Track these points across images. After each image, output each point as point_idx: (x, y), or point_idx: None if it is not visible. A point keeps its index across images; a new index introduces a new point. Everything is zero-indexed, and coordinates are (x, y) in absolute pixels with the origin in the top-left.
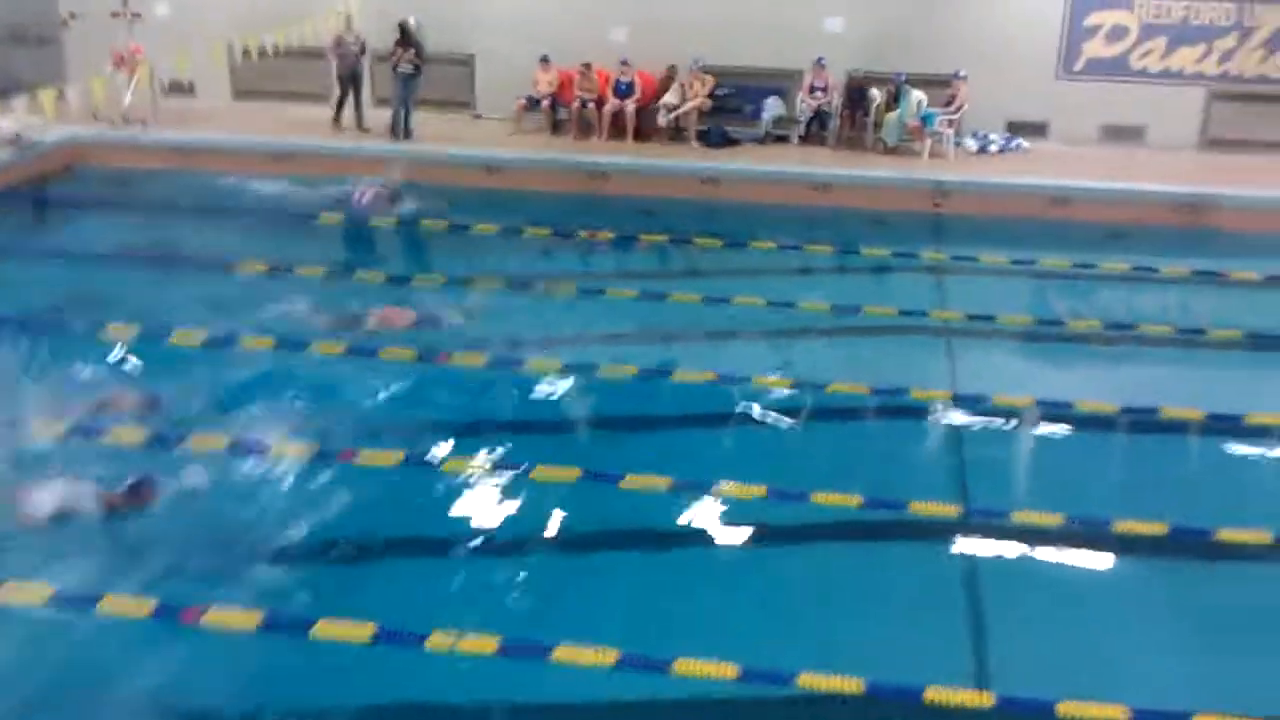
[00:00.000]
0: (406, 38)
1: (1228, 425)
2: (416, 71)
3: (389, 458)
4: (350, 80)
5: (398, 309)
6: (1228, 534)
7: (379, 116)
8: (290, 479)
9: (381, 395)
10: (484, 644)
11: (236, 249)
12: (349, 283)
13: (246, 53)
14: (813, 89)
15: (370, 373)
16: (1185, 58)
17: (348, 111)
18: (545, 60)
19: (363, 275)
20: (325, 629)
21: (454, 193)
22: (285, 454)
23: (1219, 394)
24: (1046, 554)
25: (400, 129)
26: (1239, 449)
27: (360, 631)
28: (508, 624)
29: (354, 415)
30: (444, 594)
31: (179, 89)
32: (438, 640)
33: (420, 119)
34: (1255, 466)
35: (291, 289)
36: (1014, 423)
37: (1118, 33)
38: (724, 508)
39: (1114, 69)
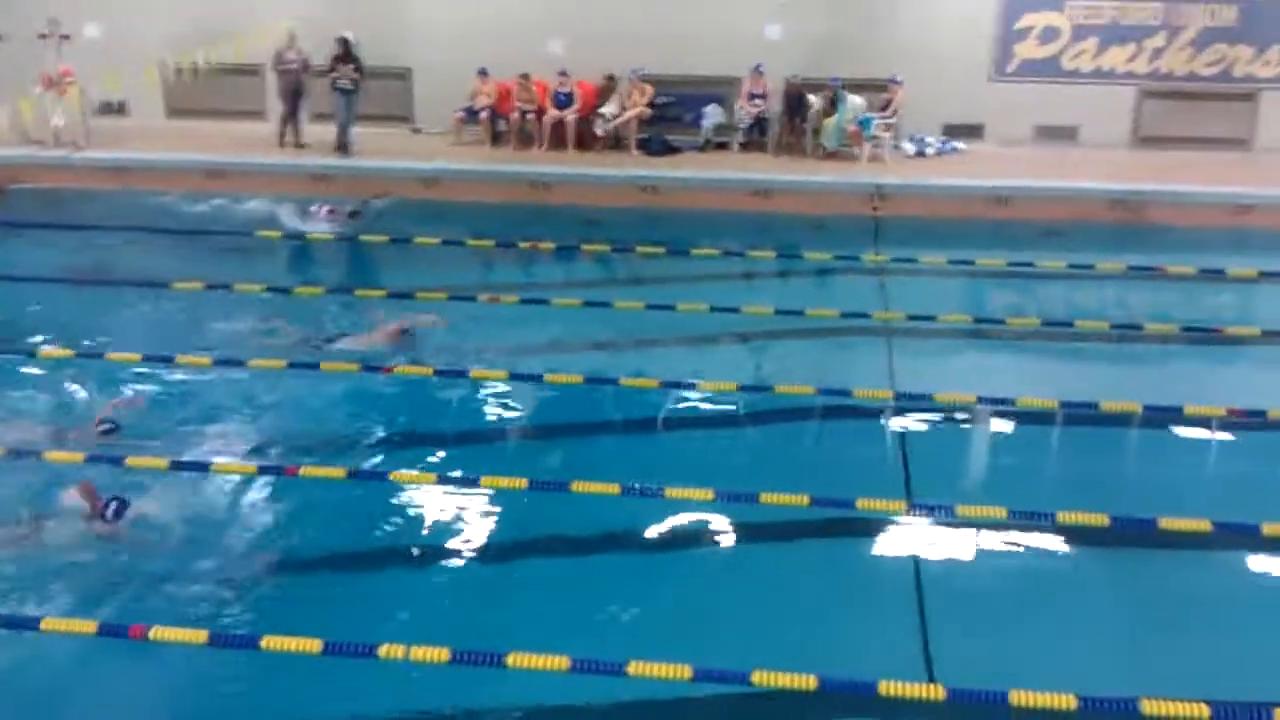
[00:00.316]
0: (347, 52)
1: (1166, 417)
2: (356, 87)
3: (336, 471)
4: (293, 97)
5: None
6: (1168, 523)
7: (317, 132)
8: (235, 495)
9: (326, 409)
10: (435, 654)
11: (172, 268)
12: (291, 299)
13: (179, 71)
14: (752, 96)
15: (314, 387)
16: (1116, 57)
17: (289, 128)
18: (483, 72)
19: (305, 290)
20: (273, 643)
21: (395, 206)
22: (229, 471)
23: (1157, 387)
24: (992, 546)
25: (345, 144)
26: (1177, 440)
27: (309, 645)
28: (459, 633)
29: (301, 430)
30: (394, 605)
31: (110, 109)
32: (389, 650)
33: (358, 133)
34: (1194, 456)
35: (230, 306)
36: (957, 419)
37: (1049, 34)
38: (674, 511)
39: (1046, 70)
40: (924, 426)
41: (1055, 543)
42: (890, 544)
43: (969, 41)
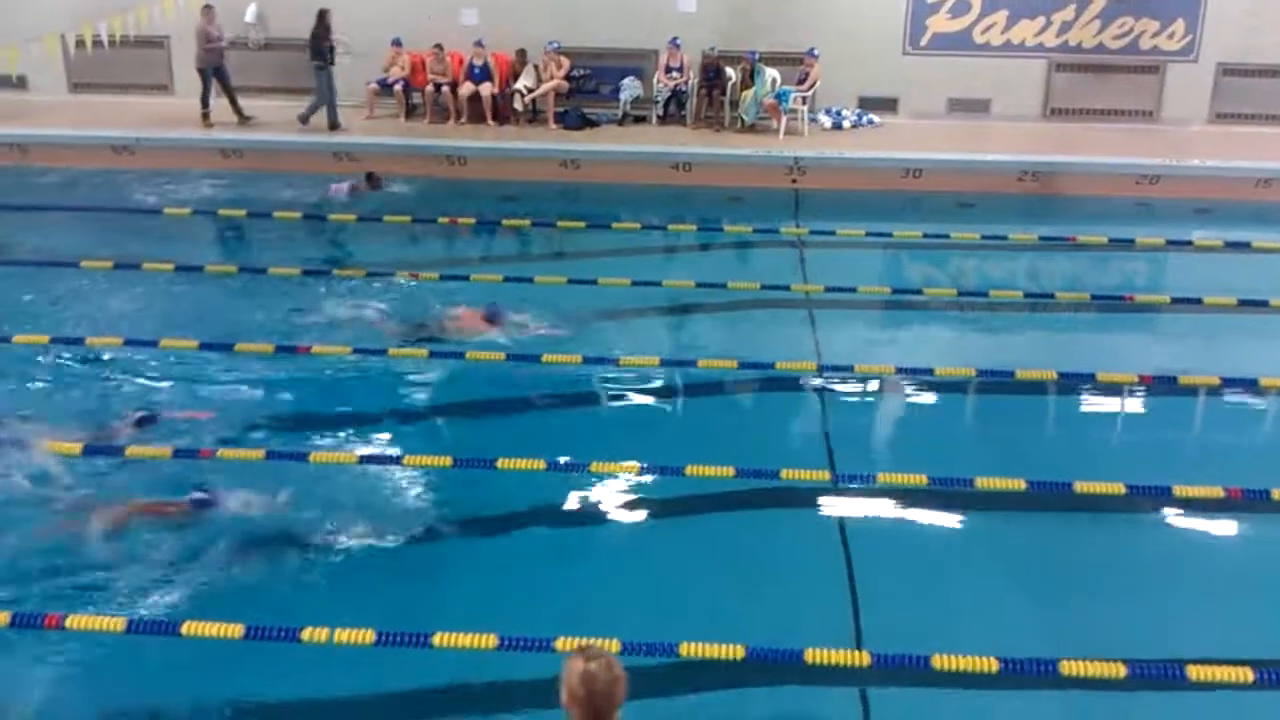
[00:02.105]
0: (328, 26)
1: (1079, 383)
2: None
3: (255, 454)
4: (215, 73)
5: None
6: (1083, 486)
7: (223, 107)
8: (155, 473)
9: (244, 390)
10: (361, 635)
11: (77, 246)
12: (202, 277)
13: (80, 43)
14: (669, 69)
15: (229, 368)
16: (1026, 31)
17: (220, 103)
18: (397, 43)
19: (216, 268)
20: (194, 628)
21: (308, 181)
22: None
23: (1070, 354)
24: (913, 514)
25: (334, 118)
26: (1090, 406)
27: (231, 630)
28: (385, 614)
29: (215, 413)
30: (318, 587)
31: (9, 84)
32: (312, 634)
33: (269, 106)
34: (1107, 421)
35: (138, 284)
36: (878, 389)
37: (961, 8)
38: (599, 486)
39: (958, 44)
40: (846, 397)
41: (975, 508)
42: (815, 514)
43: (883, 15)
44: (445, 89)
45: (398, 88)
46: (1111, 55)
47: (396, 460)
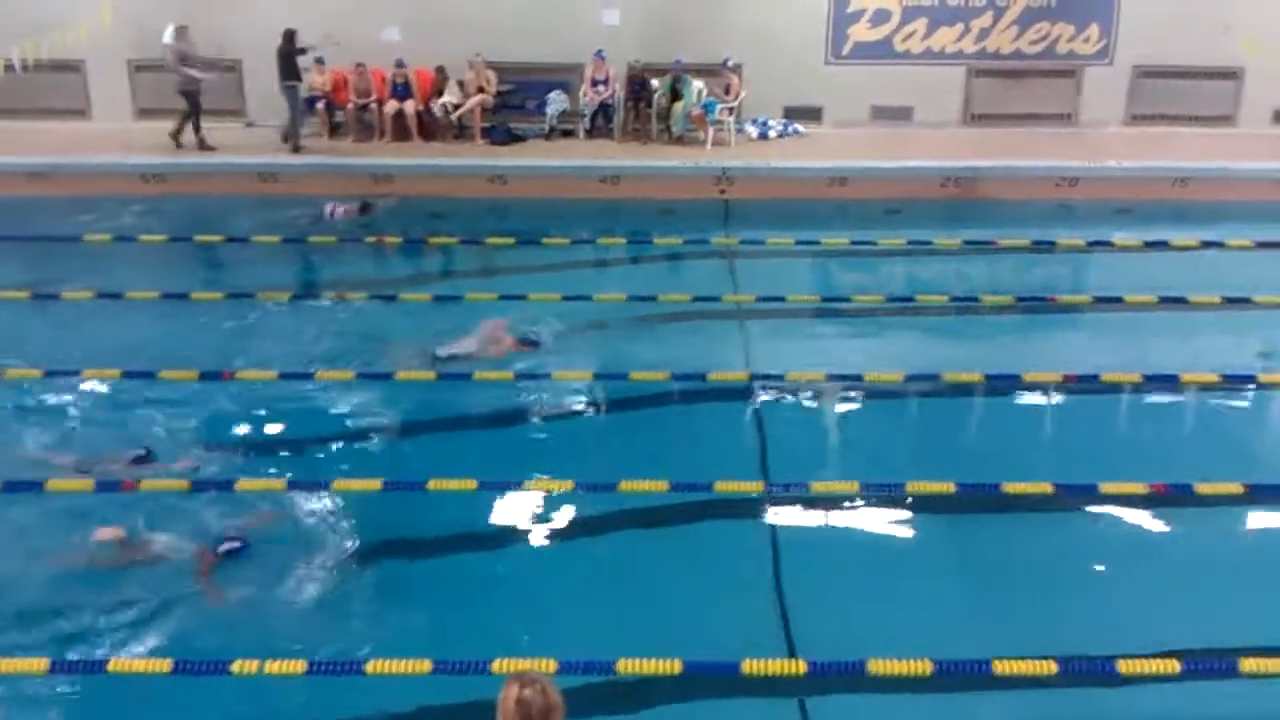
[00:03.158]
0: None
1: (1005, 385)
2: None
3: (180, 484)
4: (191, 98)
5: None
6: (1012, 487)
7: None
8: (67, 511)
9: (165, 419)
10: (291, 666)
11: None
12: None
13: None
14: (594, 82)
15: (148, 394)
16: (945, 38)
17: (188, 128)
18: (320, 61)
19: (136, 294)
20: (119, 665)
21: (229, 203)
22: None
23: (996, 356)
24: (847, 520)
25: (294, 138)
26: (1017, 406)
27: (158, 665)
28: (315, 642)
29: (138, 440)
30: (247, 616)
31: None
32: (241, 666)
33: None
34: (1033, 422)
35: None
36: (809, 397)
37: (880, 16)
38: (533, 504)
39: (879, 52)
40: (778, 406)
41: (906, 513)
42: (750, 525)
43: (805, 25)
44: (372, 106)
45: (320, 106)
46: (1029, 60)
47: (324, 486)
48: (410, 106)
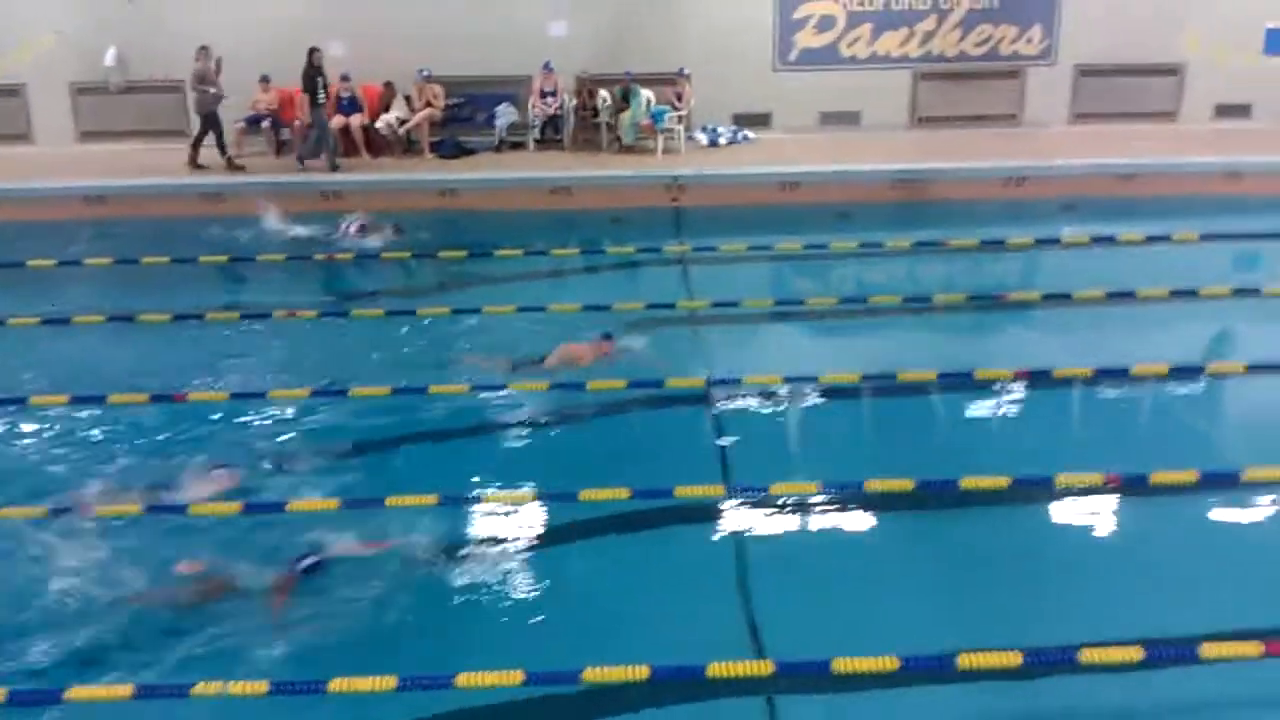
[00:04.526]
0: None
1: (959, 382)
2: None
3: (130, 508)
4: (210, 119)
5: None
6: (969, 482)
7: (96, 151)
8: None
9: (119, 440)
10: (254, 687)
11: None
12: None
13: None
14: (543, 94)
15: (104, 422)
16: (890, 43)
17: (205, 150)
18: (265, 79)
19: (82, 320)
20: (79, 693)
21: (174, 225)
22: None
23: (948, 354)
24: (809, 520)
25: (331, 160)
26: (971, 403)
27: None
28: (278, 663)
29: (94, 465)
30: (206, 639)
31: None
32: (205, 689)
33: (130, 150)
34: (987, 417)
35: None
36: (766, 401)
37: (826, 23)
38: (493, 516)
39: (825, 58)
40: (736, 410)
41: (866, 511)
42: (713, 529)
43: (752, 33)
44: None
45: (265, 124)
46: (974, 62)
47: (279, 508)
48: (357, 122)
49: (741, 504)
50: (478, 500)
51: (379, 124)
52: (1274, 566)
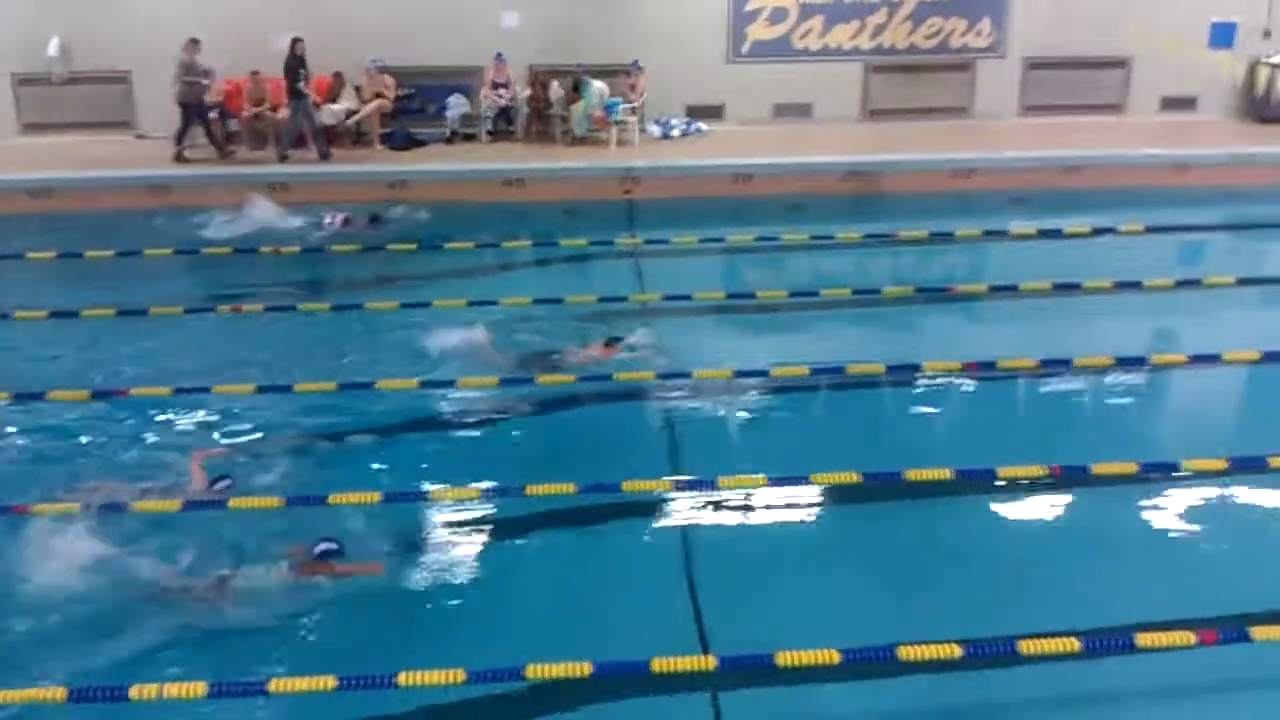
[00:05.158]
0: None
1: (907, 375)
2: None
3: (70, 507)
4: (196, 109)
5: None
6: (914, 474)
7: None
8: None
9: (62, 439)
10: (192, 689)
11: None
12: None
13: None
14: (495, 85)
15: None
16: (842, 35)
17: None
18: (207, 73)
19: (24, 315)
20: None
21: (117, 217)
22: None
23: (897, 346)
24: (755, 514)
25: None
26: (918, 395)
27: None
28: (217, 664)
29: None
30: (139, 641)
31: None
32: (140, 692)
33: (74, 142)
34: (934, 410)
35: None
36: (716, 394)
37: (778, 15)
38: (439, 512)
39: (778, 50)
40: (685, 404)
41: (813, 504)
42: (659, 523)
43: (705, 25)
44: (264, 115)
45: (213, 115)
46: (924, 55)
47: (220, 505)
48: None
49: (689, 498)
50: (422, 498)
51: (325, 115)
52: (1209, 556)
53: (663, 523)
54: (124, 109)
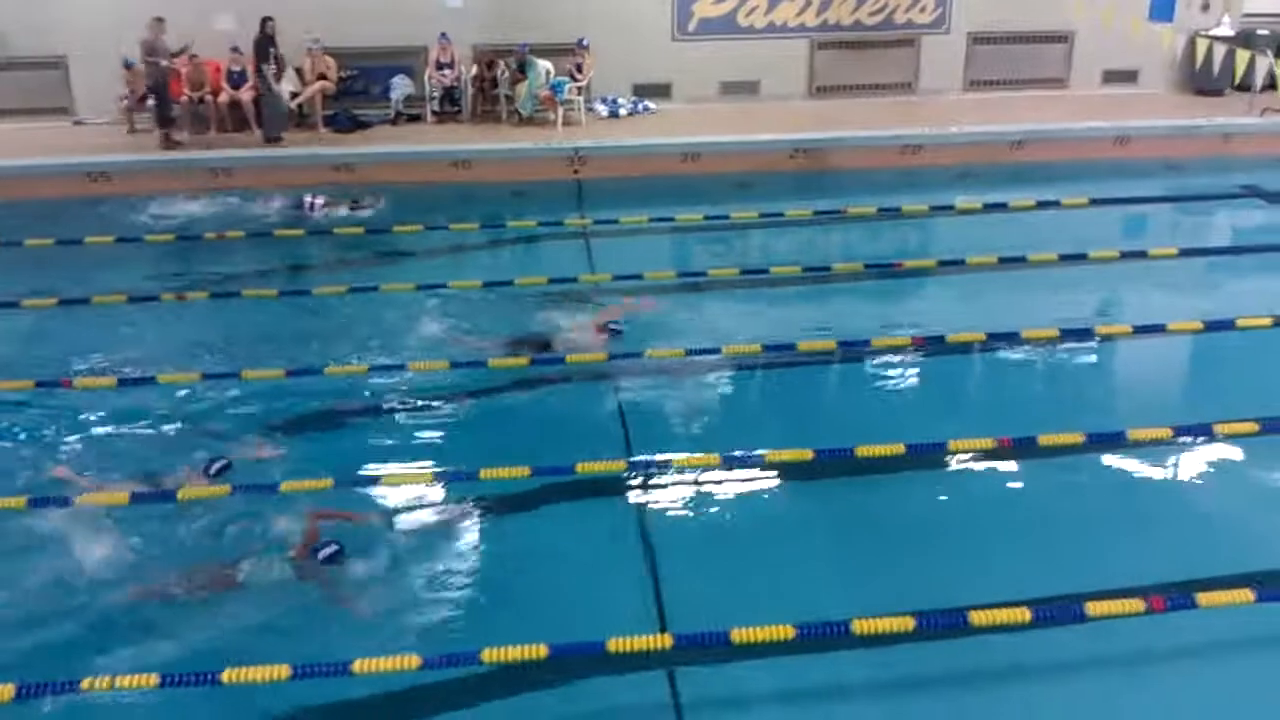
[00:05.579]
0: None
1: (857, 351)
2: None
3: (13, 502)
4: (163, 90)
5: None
6: (865, 450)
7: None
8: None
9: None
10: (143, 680)
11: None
12: None
13: None
14: (440, 65)
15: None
16: (787, 12)
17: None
18: (128, 66)
19: None
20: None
21: (56, 205)
22: None
23: (847, 323)
24: (709, 492)
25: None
26: (869, 371)
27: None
28: (167, 655)
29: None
30: (98, 633)
31: None
32: (91, 683)
33: (8, 130)
34: (885, 385)
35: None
36: (669, 374)
37: None
38: (391, 497)
39: (724, 28)
40: (638, 384)
41: (767, 481)
42: (614, 504)
43: (651, 2)
44: (204, 98)
45: (150, 100)
46: (869, 31)
47: (170, 496)
48: (247, 95)
49: (643, 478)
50: (374, 483)
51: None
52: (1157, 524)
53: (619, 503)
54: (60, 95)
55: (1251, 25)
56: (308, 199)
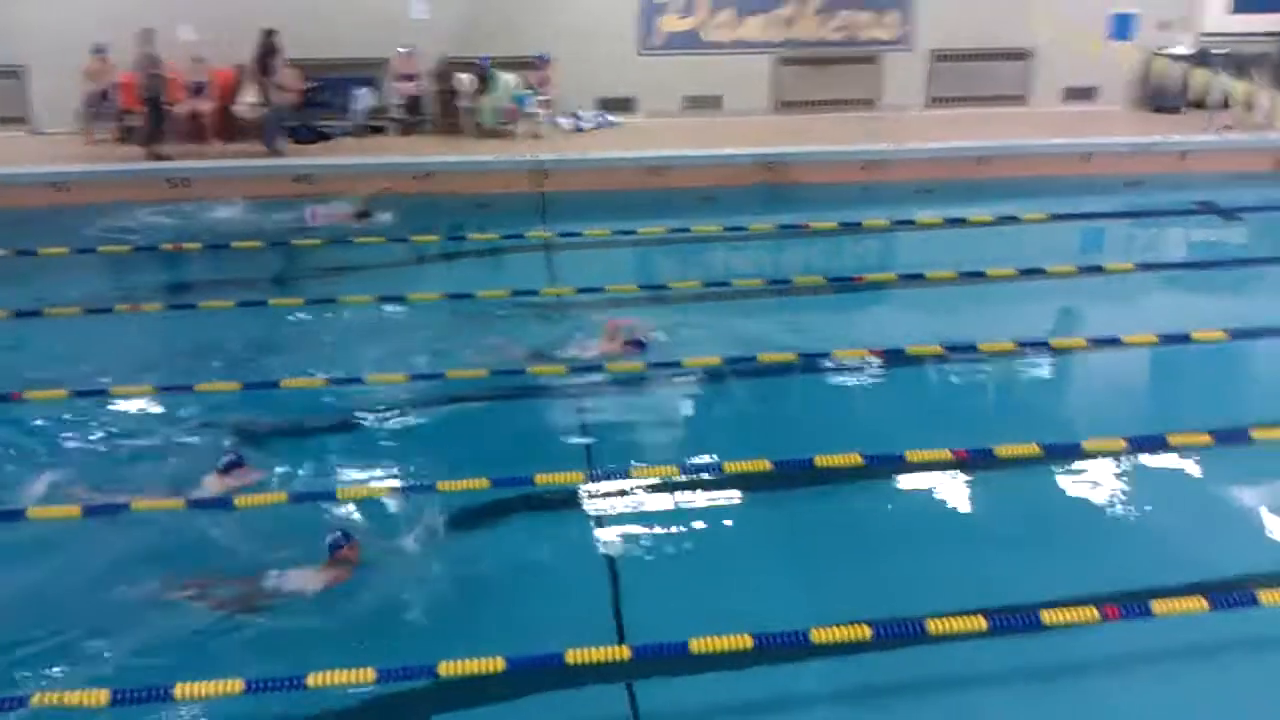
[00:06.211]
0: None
1: (816, 363)
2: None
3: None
4: (153, 103)
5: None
6: (824, 460)
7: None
8: None
9: None
10: (93, 697)
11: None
12: None
13: None
14: (403, 77)
15: None
16: (752, 28)
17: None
18: (100, 51)
19: None
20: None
21: (18, 216)
22: None
23: (807, 336)
24: (669, 503)
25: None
26: (827, 383)
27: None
28: (120, 672)
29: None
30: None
31: None
32: (41, 699)
33: None
34: (843, 397)
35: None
36: (629, 386)
37: (688, 7)
38: (349, 511)
39: (689, 43)
40: (598, 396)
41: (726, 492)
42: (573, 516)
43: (616, 17)
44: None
45: (117, 105)
46: (833, 48)
47: (124, 508)
48: (207, 107)
49: (603, 490)
50: (329, 497)
51: (238, 108)
52: (1112, 534)
53: (577, 514)
54: (17, 104)
55: (1208, 44)
56: (308, 210)
